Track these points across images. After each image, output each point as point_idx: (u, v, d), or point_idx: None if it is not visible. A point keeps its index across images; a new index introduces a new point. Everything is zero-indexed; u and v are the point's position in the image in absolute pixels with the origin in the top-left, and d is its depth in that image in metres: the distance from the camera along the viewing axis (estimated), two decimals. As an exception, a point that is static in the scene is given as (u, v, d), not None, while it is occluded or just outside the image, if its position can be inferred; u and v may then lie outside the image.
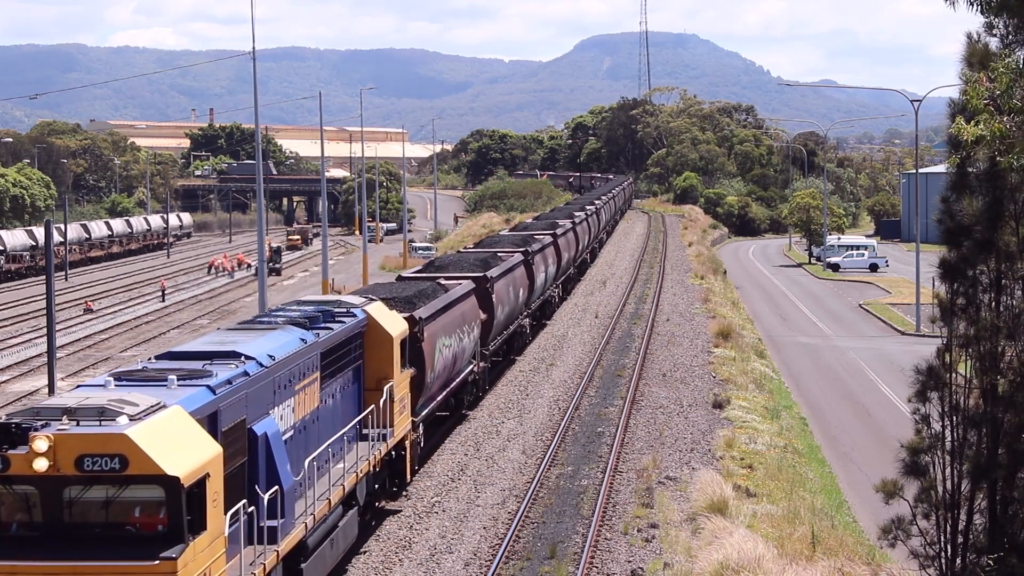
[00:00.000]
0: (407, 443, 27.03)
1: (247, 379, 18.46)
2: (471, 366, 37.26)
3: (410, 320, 29.08)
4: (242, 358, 18.89)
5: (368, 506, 25.05)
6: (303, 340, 21.48)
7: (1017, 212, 19.40)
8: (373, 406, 24.57)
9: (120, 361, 56.66)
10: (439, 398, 32.08)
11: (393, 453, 26.30)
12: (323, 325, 23.31)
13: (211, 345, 20.03)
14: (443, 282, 37.00)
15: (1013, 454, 19.41)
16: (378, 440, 24.61)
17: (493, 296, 40.28)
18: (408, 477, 27.58)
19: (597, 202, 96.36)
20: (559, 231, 63.02)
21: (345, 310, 25.07)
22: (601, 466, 31.02)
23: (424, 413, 30.01)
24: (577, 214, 78.84)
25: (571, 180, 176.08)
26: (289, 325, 22.07)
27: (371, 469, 24.19)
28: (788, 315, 73.84)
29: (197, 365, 18.38)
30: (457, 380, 34.94)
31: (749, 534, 24.12)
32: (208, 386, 17.29)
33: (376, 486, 25.47)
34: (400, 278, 39.78)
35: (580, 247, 73.41)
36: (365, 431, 24.45)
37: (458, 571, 23.63)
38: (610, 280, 75.08)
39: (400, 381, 26.38)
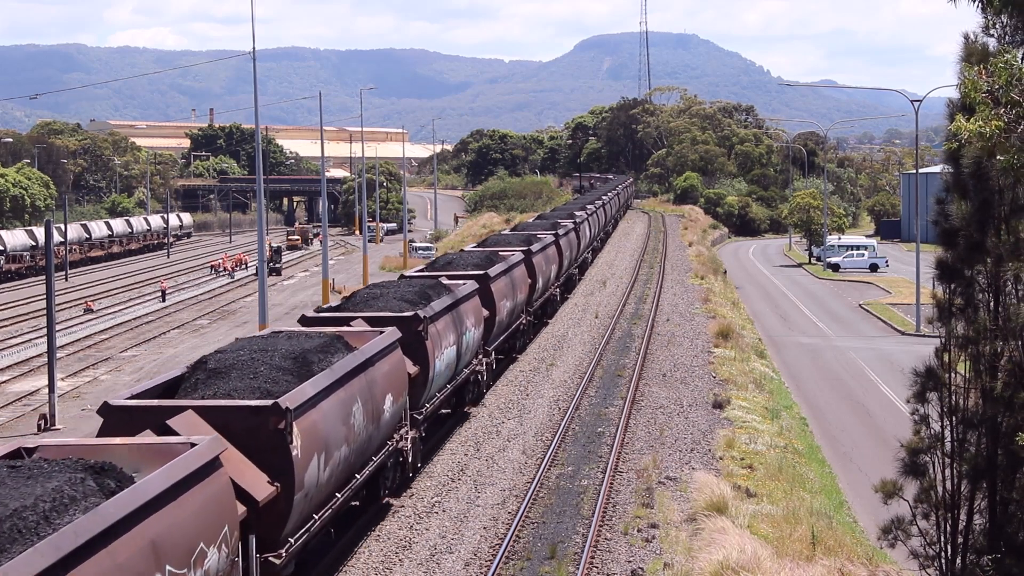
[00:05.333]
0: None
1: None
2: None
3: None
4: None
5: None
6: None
7: (1005, 214, 19.45)
8: None
9: (120, 361, 56.68)
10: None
11: None
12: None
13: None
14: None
15: (1011, 455, 19.45)
16: None
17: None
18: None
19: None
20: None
21: None
22: (601, 466, 31.04)
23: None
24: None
25: (581, 182, 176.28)
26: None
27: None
28: (788, 315, 73.85)
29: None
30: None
31: (749, 534, 24.16)
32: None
33: None
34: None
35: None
36: None
37: (458, 571, 23.66)
38: (610, 280, 75.09)
39: None
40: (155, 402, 19.46)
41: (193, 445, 16.35)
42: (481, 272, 40.11)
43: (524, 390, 41.20)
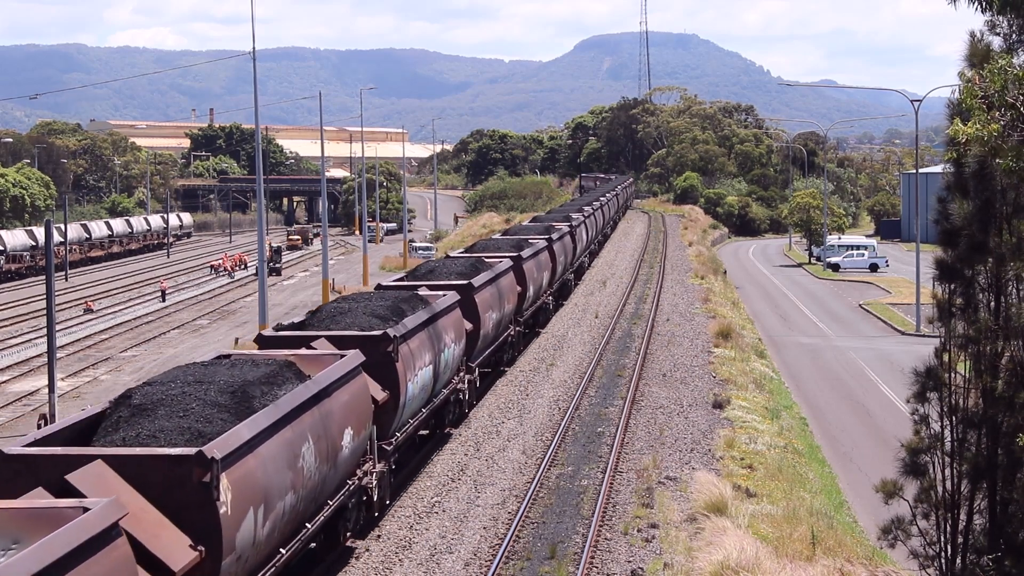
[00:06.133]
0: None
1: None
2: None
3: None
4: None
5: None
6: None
7: (1007, 214, 19.46)
8: None
9: (121, 361, 56.70)
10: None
11: None
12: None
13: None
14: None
15: (1012, 454, 19.45)
16: None
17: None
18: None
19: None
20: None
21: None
22: (601, 466, 31.04)
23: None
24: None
25: (582, 182, 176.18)
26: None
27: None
28: (788, 315, 73.85)
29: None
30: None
31: (749, 534, 24.16)
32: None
33: None
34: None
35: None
36: None
37: (458, 571, 23.66)
38: (610, 280, 75.08)
39: None
40: (58, 451, 16.47)
41: (87, 509, 13.62)
42: (464, 282, 37.34)
43: (524, 390, 41.17)
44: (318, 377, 21.49)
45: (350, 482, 23.16)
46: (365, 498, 24.48)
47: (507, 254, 47.28)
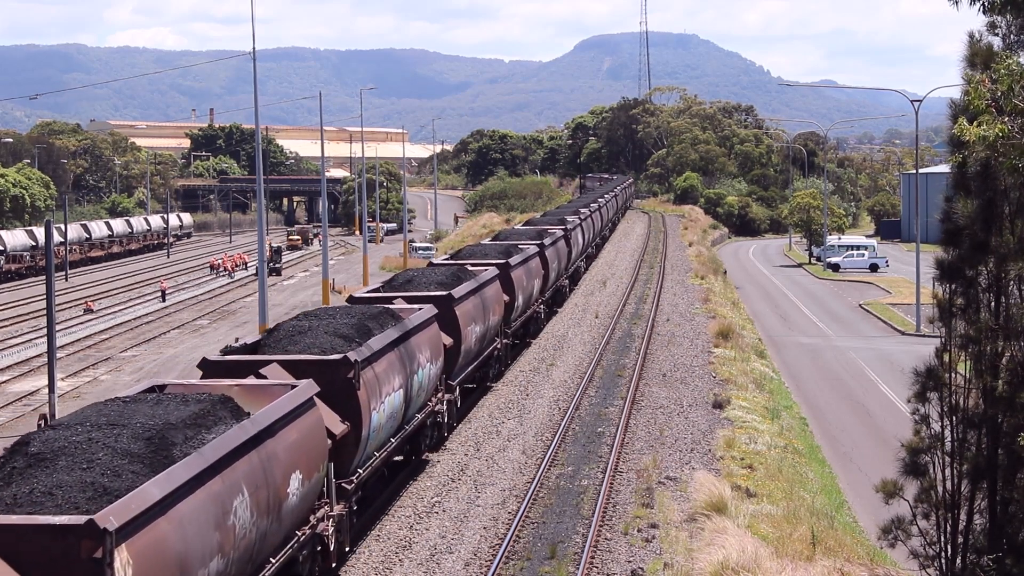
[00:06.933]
0: None
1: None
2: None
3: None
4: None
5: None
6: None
7: (1011, 213, 19.46)
8: None
9: (121, 361, 56.70)
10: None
11: None
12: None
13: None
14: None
15: (1012, 454, 19.44)
16: None
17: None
18: None
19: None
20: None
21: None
22: (601, 466, 31.03)
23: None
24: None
25: (583, 182, 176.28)
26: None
27: None
28: (788, 315, 73.85)
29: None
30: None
31: (749, 534, 24.16)
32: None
33: None
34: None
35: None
36: None
37: (458, 571, 23.65)
38: (610, 280, 75.08)
39: None
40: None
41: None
42: (443, 293, 34.30)
43: (524, 390, 41.13)
44: (259, 415, 18.54)
45: (300, 532, 20.18)
46: (320, 547, 21.47)
47: (493, 261, 44.72)
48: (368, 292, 35.89)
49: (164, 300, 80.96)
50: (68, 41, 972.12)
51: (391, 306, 30.58)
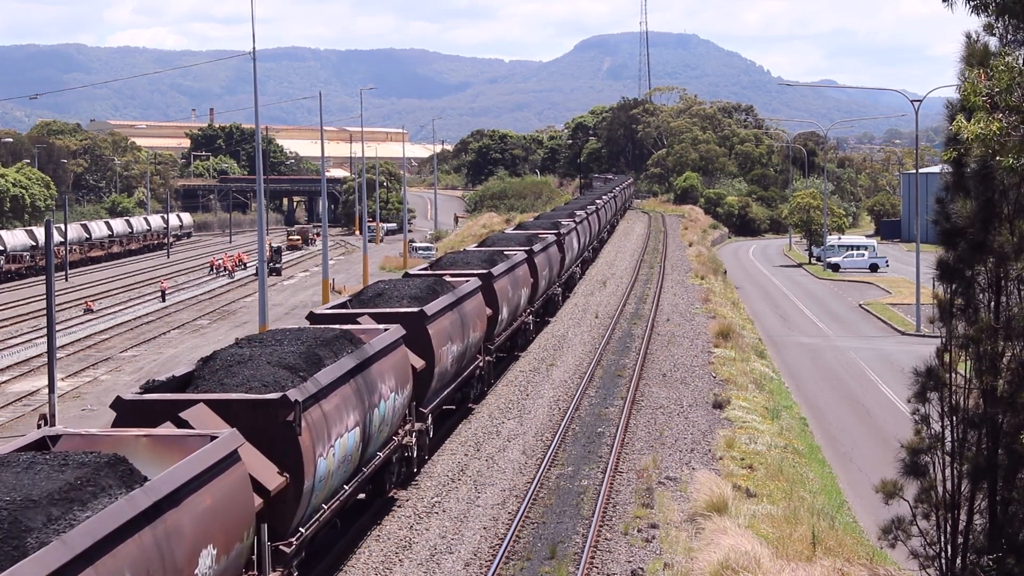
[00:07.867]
0: None
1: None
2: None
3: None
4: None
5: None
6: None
7: (1010, 213, 19.46)
8: None
9: (121, 361, 56.70)
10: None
11: None
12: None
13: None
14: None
15: (1012, 454, 19.44)
16: None
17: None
18: None
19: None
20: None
21: None
22: (601, 466, 31.03)
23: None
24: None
25: (583, 181, 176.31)
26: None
27: None
28: (788, 315, 73.83)
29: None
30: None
31: (749, 534, 24.15)
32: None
33: None
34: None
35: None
36: None
37: (458, 571, 23.65)
38: (610, 280, 75.08)
39: None
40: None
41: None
42: (415, 309, 30.72)
43: (524, 390, 41.09)
44: (158, 481, 15.03)
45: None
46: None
47: (475, 271, 41.14)
48: (331, 308, 32.08)
49: (164, 300, 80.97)
50: (68, 41, 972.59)
51: (354, 326, 27.37)
